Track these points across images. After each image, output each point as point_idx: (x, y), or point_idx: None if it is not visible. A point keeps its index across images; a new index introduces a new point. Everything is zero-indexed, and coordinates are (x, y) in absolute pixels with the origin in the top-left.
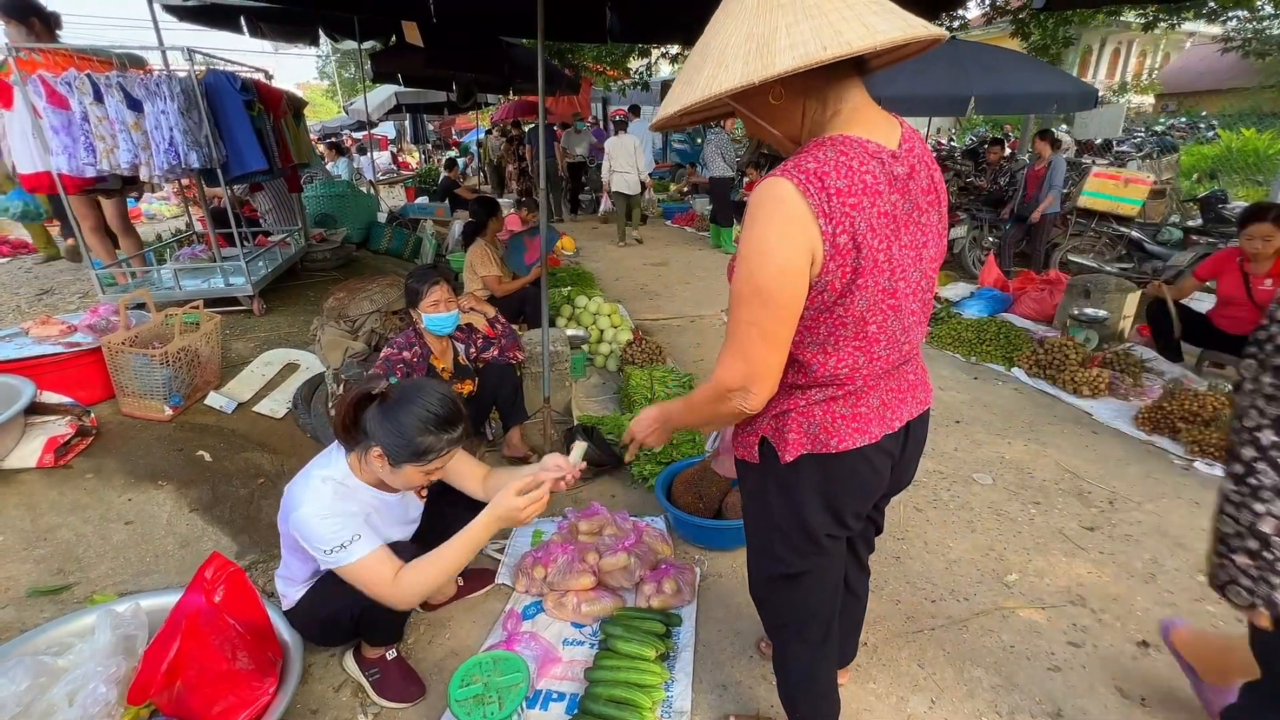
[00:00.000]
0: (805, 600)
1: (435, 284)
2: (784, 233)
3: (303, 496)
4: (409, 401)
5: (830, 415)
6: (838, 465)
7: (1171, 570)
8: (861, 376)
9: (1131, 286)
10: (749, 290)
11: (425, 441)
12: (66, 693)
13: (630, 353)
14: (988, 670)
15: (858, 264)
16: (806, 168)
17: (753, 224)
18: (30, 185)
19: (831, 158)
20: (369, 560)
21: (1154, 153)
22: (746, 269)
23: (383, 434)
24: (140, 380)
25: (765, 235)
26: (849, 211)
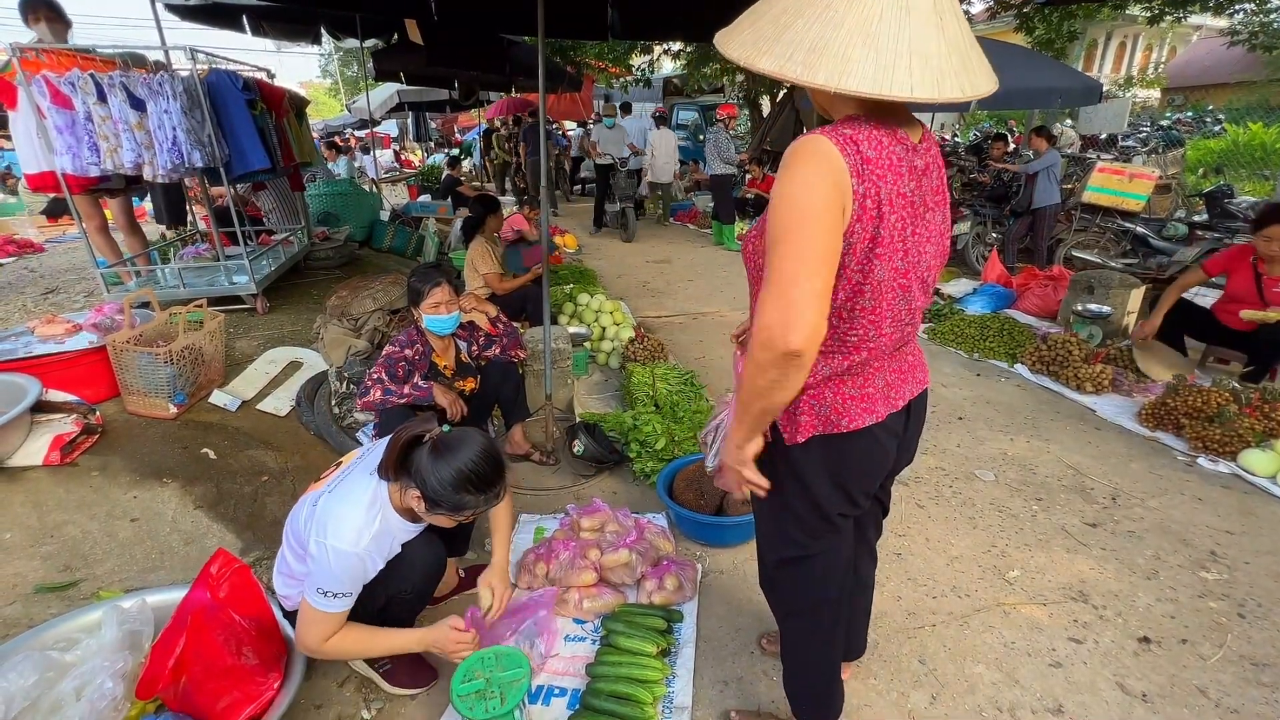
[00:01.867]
0: (817, 583)
1: (437, 285)
2: (823, 174)
3: (342, 527)
4: (454, 454)
5: (839, 396)
6: (848, 445)
7: (1174, 567)
8: (869, 350)
9: (1135, 282)
10: (790, 220)
11: (463, 499)
12: (74, 687)
13: (632, 350)
14: (989, 666)
15: (878, 232)
16: (843, 132)
17: (791, 167)
18: (35, 185)
19: (865, 131)
20: (333, 618)
21: (1159, 147)
22: (786, 204)
23: (425, 480)
24: (145, 378)
25: (805, 173)
26: (876, 179)
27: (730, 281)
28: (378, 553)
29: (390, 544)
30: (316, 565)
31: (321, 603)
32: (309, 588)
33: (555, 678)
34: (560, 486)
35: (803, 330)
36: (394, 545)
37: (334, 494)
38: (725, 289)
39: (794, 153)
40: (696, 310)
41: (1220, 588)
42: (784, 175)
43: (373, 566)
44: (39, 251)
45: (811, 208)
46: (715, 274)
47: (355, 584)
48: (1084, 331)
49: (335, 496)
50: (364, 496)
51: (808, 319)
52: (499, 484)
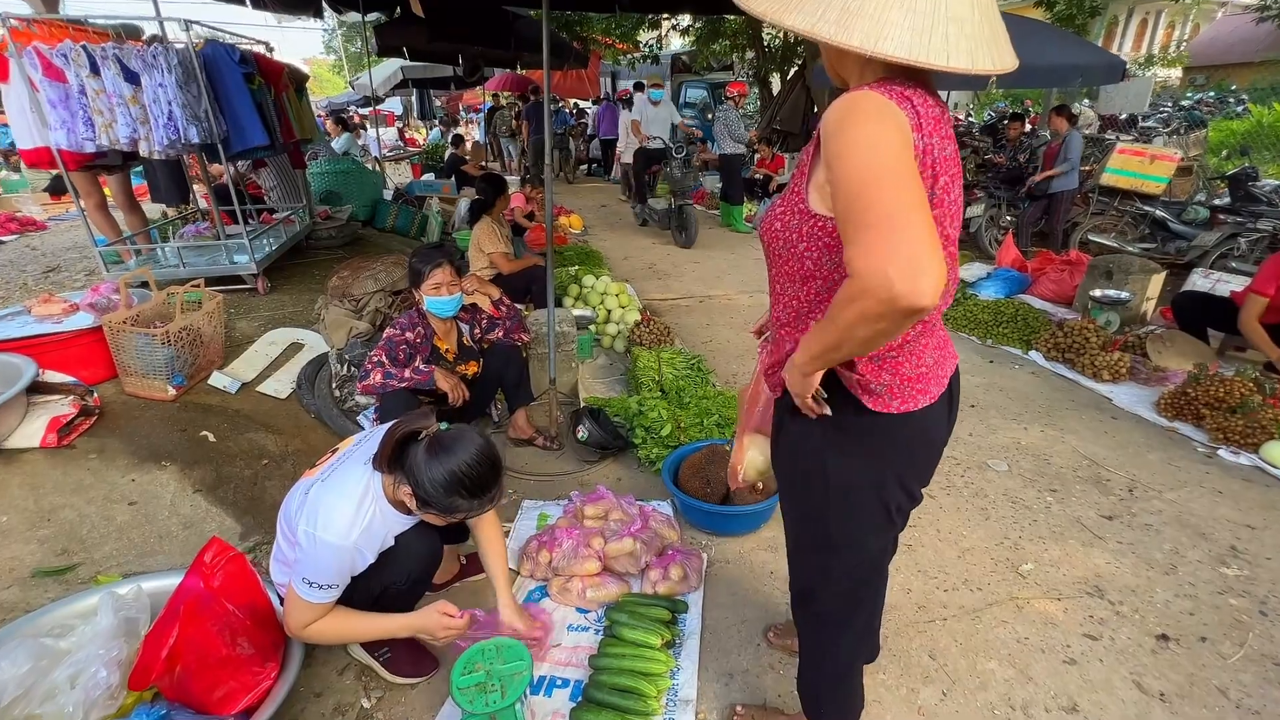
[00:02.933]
0: (860, 585)
1: (438, 265)
2: (889, 123)
3: (332, 518)
4: (449, 455)
5: (898, 377)
6: (907, 427)
7: (1193, 562)
8: (922, 323)
9: (1156, 268)
10: (871, 165)
11: (455, 502)
12: (68, 675)
13: (638, 334)
14: (1001, 662)
15: (933, 192)
16: (893, 88)
17: (854, 120)
18: (30, 161)
19: (910, 86)
20: (317, 606)
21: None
22: (861, 152)
23: (418, 479)
24: (142, 360)
25: (870, 124)
26: (929, 134)
27: (738, 264)
28: (368, 546)
29: (384, 536)
30: (304, 554)
31: (307, 592)
32: (295, 575)
33: (558, 668)
34: (564, 472)
35: (931, 277)
36: (387, 538)
37: (326, 483)
38: (733, 271)
39: (851, 107)
40: (704, 293)
41: (1241, 584)
42: (847, 126)
43: (362, 561)
44: (41, 229)
45: (891, 152)
46: (723, 256)
47: (343, 576)
48: (1101, 318)
49: (327, 486)
50: (356, 488)
51: (935, 263)
52: (494, 488)
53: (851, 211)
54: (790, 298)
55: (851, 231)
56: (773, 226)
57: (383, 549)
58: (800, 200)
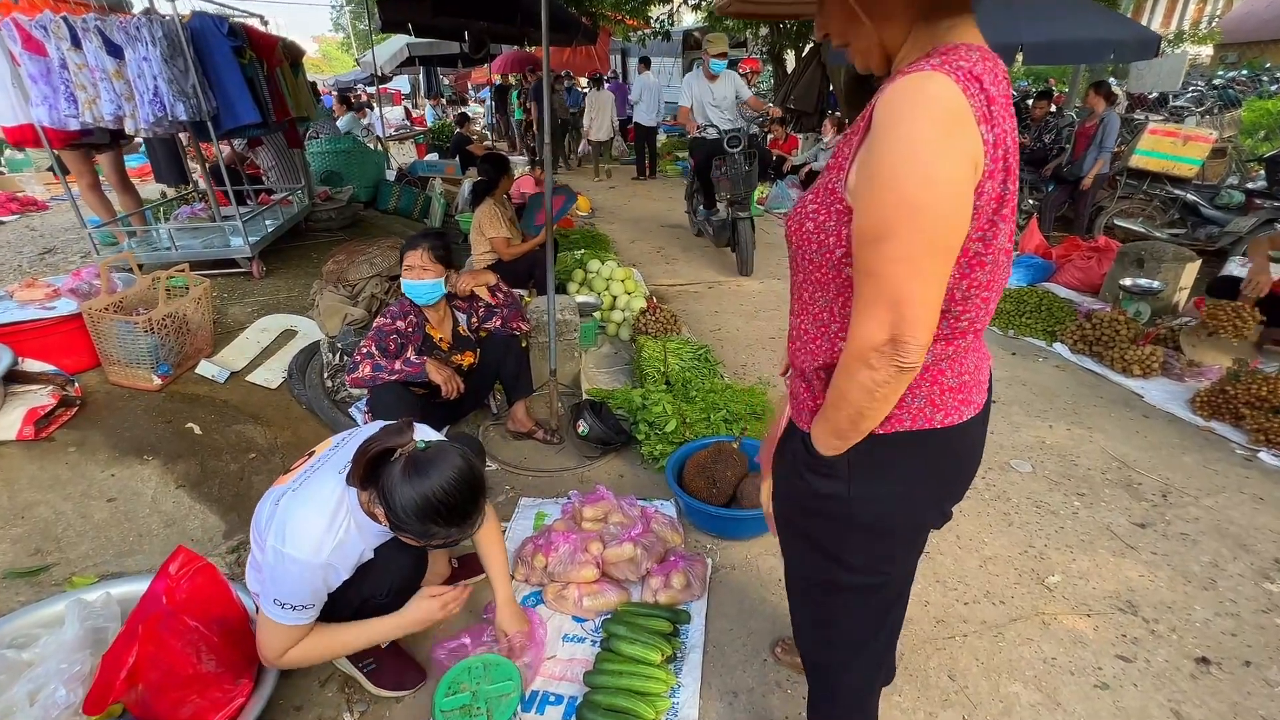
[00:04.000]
0: (879, 616)
1: (414, 248)
2: (945, 132)
3: (300, 534)
4: (424, 479)
5: (938, 386)
6: (944, 443)
7: (1234, 575)
8: (975, 331)
9: (1190, 255)
10: (900, 212)
11: (430, 529)
12: (28, 691)
13: (643, 322)
14: (1026, 685)
15: (1005, 190)
16: (959, 65)
17: (898, 126)
18: (14, 139)
19: (979, 60)
20: (293, 630)
21: (1215, 107)
22: (894, 185)
23: (390, 502)
24: (125, 348)
25: (920, 136)
26: (1002, 122)
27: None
28: (342, 564)
29: (360, 552)
30: (272, 573)
31: (279, 614)
32: (265, 597)
33: (551, 683)
34: (564, 468)
35: (915, 341)
36: (365, 552)
37: (297, 494)
38: None
39: (905, 100)
40: (713, 279)
41: None
42: (893, 135)
43: (335, 578)
44: (42, 209)
45: (938, 184)
46: None
47: (317, 595)
48: (1131, 309)
49: (298, 498)
50: (329, 500)
51: (923, 328)
52: (473, 515)
53: (869, 257)
54: (820, 310)
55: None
56: (803, 227)
57: (360, 563)
58: (838, 199)
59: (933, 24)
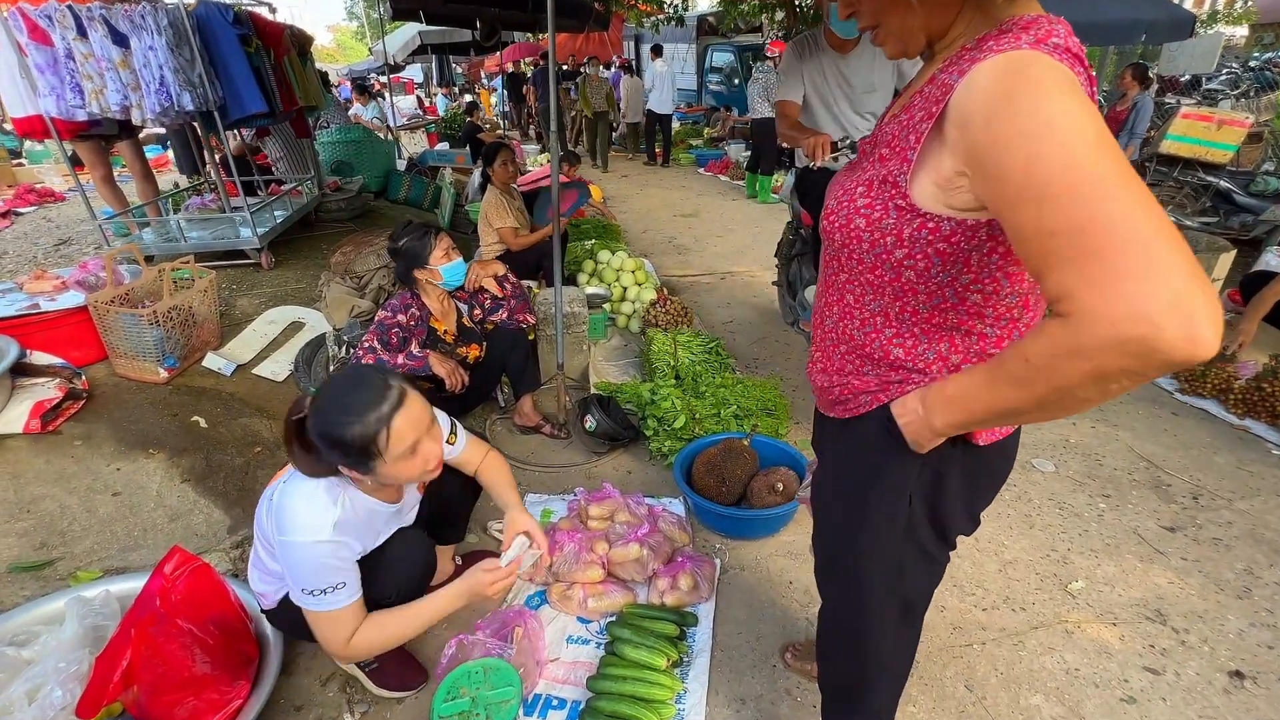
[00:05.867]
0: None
1: (439, 233)
2: (1086, 101)
3: (299, 518)
4: (319, 406)
5: None
6: (983, 455)
7: (1270, 584)
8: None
9: (1225, 245)
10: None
11: (354, 434)
12: (26, 690)
13: (653, 314)
14: (1048, 697)
15: None
16: (1055, 42)
17: (1033, 96)
18: (22, 130)
19: (1069, 35)
20: (341, 614)
21: (1251, 90)
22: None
23: (326, 452)
24: (131, 341)
25: (1067, 102)
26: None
27: (761, 239)
28: (354, 536)
29: (376, 528)
30: (287, 567)
31: (314, 604)
32: (294, 592)
33: (554, 686)
34: (570, 464)
35: (1215, 321)
36: (381, 529)
37: (287, 485)
38: (756, 246)
39: (1024, 73)
40: (725, 269)
41: None
42: (1027, 100)
43: (351, 553)
44: (59, 200)
45: (1106, 141)
46: (746, 229)
47: (342, 573)
48: None
49: (288, 489)
50: (323, 485)
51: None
52: (384, 390)
53: (1060, 227)
54: (870, 313)
55: (1068, 256)
56: (852, 224)
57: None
58: (900, 194)
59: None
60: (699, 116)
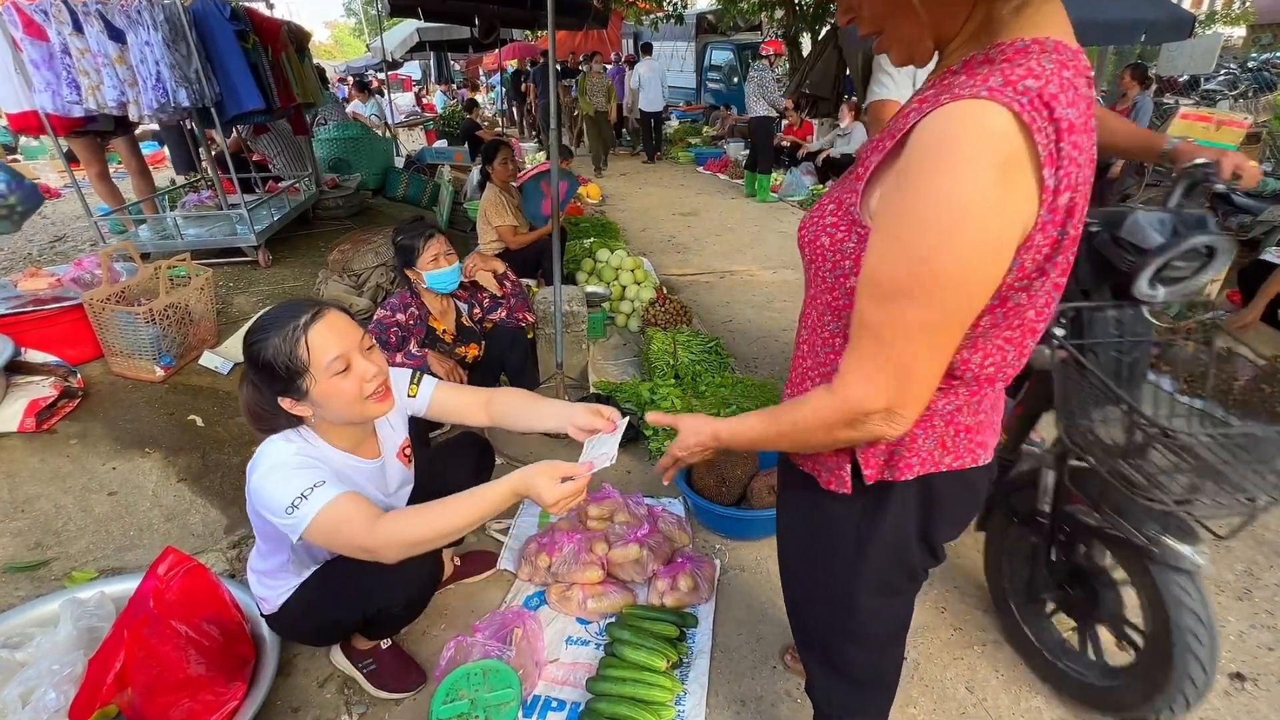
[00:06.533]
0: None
1: (430, 237)
2: (994, 185)
3: (257, 461)
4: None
5: (954, 426)
6: (948, 488)
7: (1270, 585)
8: (1005, 378)
9: None
10: (917, 278)
11: (273, 348)
12: (19, 693)
13: (652, 313)
14: (1048, 699)
15: (1063, 234)
16: (1025, 85)
17: (935, 173)
18: (17, 126)
19: (1053, 72)
20: (337, 505)
21: (1250, 91)
22: (916, 244)
23: (261, 383)
24: (126, 339)
25: (963, 188)
26: (1075, 156)
27: (761, 238)
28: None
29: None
30: (264, 505)
31: (304, 514)
32: (283, 524)
33: (553, 687)
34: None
35: (910, 416)
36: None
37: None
38: (755, 245)
39: (946, 135)
40: (724, 268)
41: None
42: (930, 183)
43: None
44: (55, 197)
45: (973, 259)
46: (746, 228)
47: (318, 473)
48: None
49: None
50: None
51: (920, 404)
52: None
53: (880, 312)
54: (828, 335)
55: (863, 331)
56: (817, 241)
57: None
58: (855, 220)
59: (998, 5)
60: (698, 115)
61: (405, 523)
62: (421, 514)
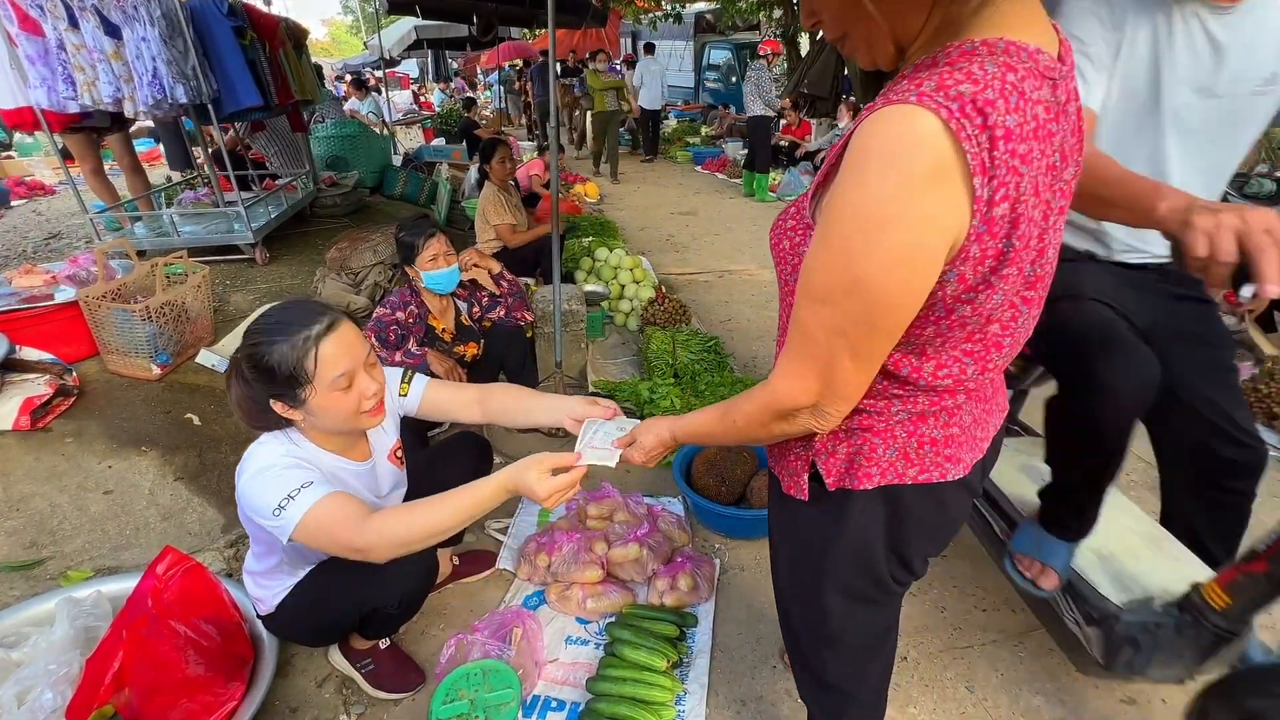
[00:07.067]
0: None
1: (431, 236)
2: (916, 193)
3: (245, 464)
4: (249, 332)
5: (917, 438)
6: (915, 502)
7: None
8: (965, 389)
9: None
10: (843, 283)
11: (279, 356)
12: (15, 693)
13: (651, 312)
14: (1049, 698)
15: (1008, 246)
16: (958, 91)
17: (861, 178)
18: (12, 122)
19: (995, 76)
20: (324, 505)
21: None
22: (843, 249)
23: (257, 385)
24: (123, 337)
25: (885, 195)
26: (1016, 166)
27: (760, 237)
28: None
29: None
30: (251, 507)
31: (291, 515)
32: (271, 526)
33: (553, 687)
34: None
35: (837, 412)
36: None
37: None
38: (754, 244)
39: (872, 139)
40: (723, 268)
41: None
42: (851, 184)
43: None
44: (49, 194)
45: (877, 269)
46: (744, 228)
47: (305, 474)
48: None
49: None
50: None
51: (848, 403)
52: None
53: (808, 313)
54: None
55: (795, 329)
56: (780, 244)
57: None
58: (808, 220)
59: (956, 4)
60: (696, 114)
61: (395, 521)
62: (411, 512)
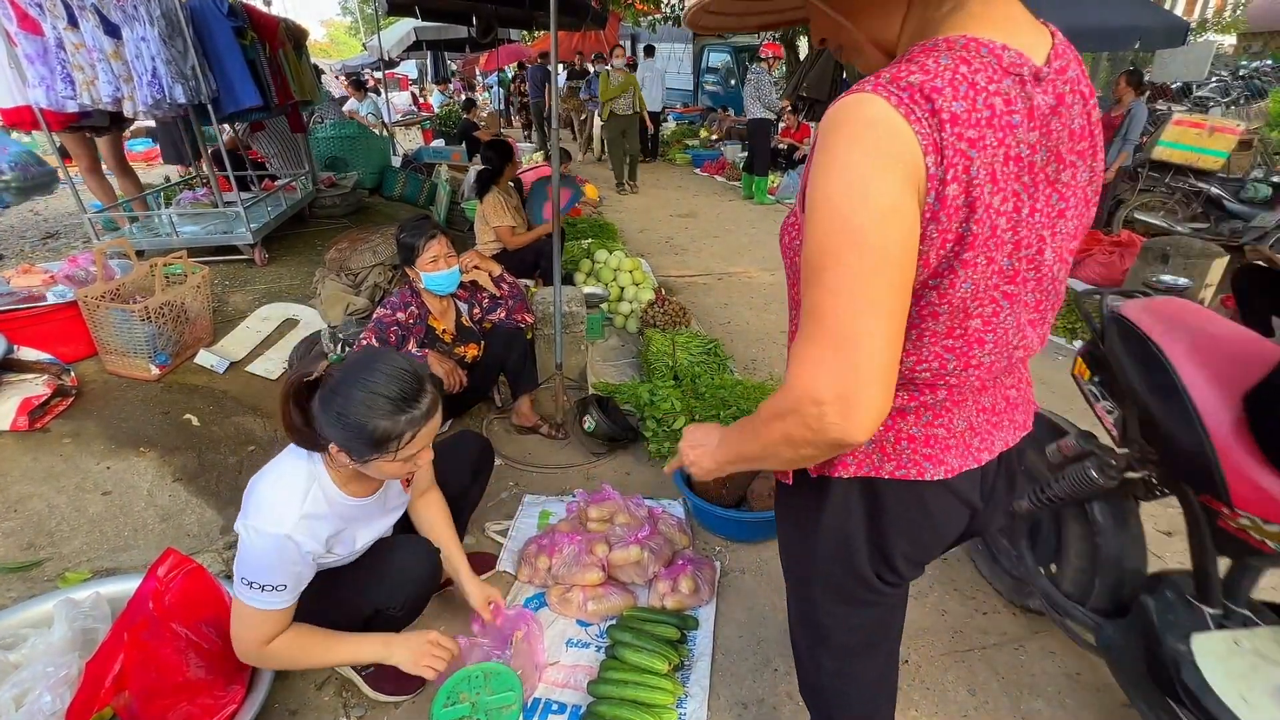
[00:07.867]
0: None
1: (432, 238)
2: (881, 159)
3: (264, 505)
4: (352, 383)
5: (894, 432)
6: (892, 497)
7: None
8: (947, 387)
9: (1218, 251)
10: (841, 240)
11: (381, 427)
12: (13, 695)
13: (651, 314)
14: (1049, 701)
15: (966, 230)
16: (908, 81)
17: (830, 152)
18: (11, 121)
19: (946, 68)
20: (268, 617)
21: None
22: (832, 211)
23: (333, 422)
24: (122, 337)
25: (855, 162)
26: (964, 149)
27: (759, 239)
28: (310, 539)
29: (340, 530)
30: (242, 552)
31: (250, 596)
32: (236, 579)
33: (554, 690)
34: (569, 464)
35: (870, 414)
36: (348, 533)
37: (263, 473)
38: (754, 247)
39: (833, 124)
40: (723, 270)
41: None
42: (822, 162)
43: (303, 557)
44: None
45: (878, 206)
46: (743, 230)
47: (287, 575)
48: None
49: (264, 476)
50: (293, 472)
51: (877, 398)
52: (419, 394)
53: (810, 294)
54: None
55: (808, 324)
56: (784, 238)
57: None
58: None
59: (930, 7)
60: (695, 117)
61: (288, 653)
62: (306, 650)
